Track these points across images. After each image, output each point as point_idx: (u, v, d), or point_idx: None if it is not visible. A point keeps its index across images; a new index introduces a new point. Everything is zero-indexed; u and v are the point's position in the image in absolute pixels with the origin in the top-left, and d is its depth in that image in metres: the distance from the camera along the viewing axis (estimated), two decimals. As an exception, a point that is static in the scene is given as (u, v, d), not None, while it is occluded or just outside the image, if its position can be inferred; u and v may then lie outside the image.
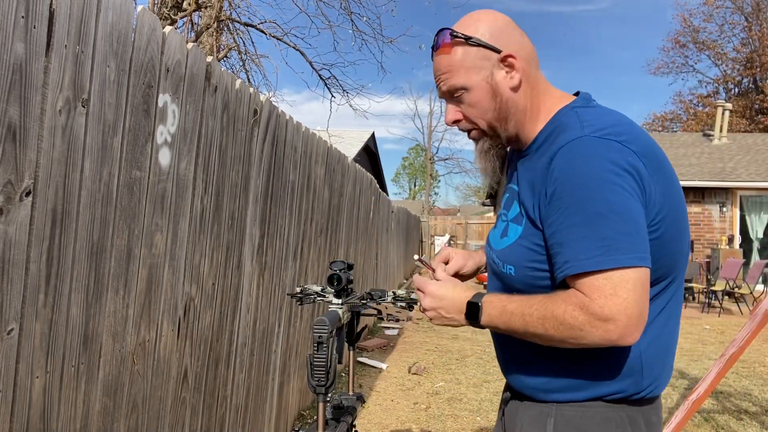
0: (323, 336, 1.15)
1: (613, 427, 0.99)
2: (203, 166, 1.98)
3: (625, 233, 0.87)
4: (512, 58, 1.02)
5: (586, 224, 0.89)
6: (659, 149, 1.01)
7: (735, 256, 10.99)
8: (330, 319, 1.21)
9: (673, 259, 0.99)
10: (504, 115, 1.06)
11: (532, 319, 0.93)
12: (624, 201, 0.89)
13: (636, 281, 0.87)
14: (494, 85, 1.03)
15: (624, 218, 0.88)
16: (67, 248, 1.32)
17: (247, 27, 8.34)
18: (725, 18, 28.46)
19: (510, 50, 1.02)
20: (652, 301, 0.97)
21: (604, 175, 0.89)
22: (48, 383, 1.29)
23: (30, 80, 1.16)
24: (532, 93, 1.06)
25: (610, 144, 0.92)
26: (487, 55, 1.02)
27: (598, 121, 0.97)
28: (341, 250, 4.53)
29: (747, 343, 2.78)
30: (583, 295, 0.89)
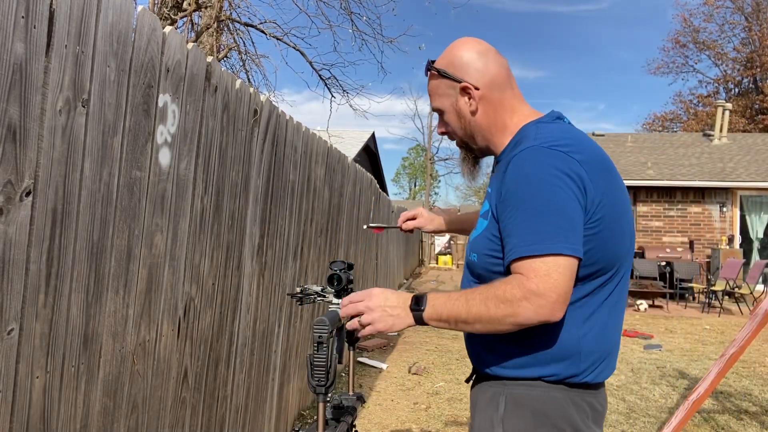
0: (323, 336, 1.16)
1: (556, 406, 1.11)
2: (203, 166, 1.98)
3: (560, 227, 1.03)
4: (468, 89, 1.22)
5: (529, 219, 1.05)
6: (606, 160, 1.15)
7: (735, 256, 10.99)
8: (330, 319, 1.22)
9: (612, 255, 1.12)
10: (470, 133, 1.27)
11: (475, 301, 1.06)
12: (562, 200, 1.04)
13: (566, 267, 1.01)
14: (458, 110, 1.25)
15: (560, 215, 1.03)
16: (67, 248, 1.32)
17: (247, 27, 8.34)
18: (725, 18, 28.46)
19: (470, 80, 1.22)
20: (594, 293, 1.12)
21: (546, 178, 1.05)
22: (48, 383, 1.29)
23: (30, 80, 1.16)
24: (495, 113, 1.24)
25: (555, 153, 1.08)
26: (452, 84, 1.24)
27: (550, 135, 1.13)
28: (341, 250, 4.53)
29: (747, 343, 2.78)
30: (521, 275, 1.03)
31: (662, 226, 12.38)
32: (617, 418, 3.96)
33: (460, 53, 1.24)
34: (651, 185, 12.23)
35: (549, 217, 1.03)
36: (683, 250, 11.69)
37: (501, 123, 1.24)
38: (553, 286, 1.00)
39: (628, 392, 4.61)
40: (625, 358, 5.89)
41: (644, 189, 12.45)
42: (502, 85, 1.24)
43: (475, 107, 1.23)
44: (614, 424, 3.83)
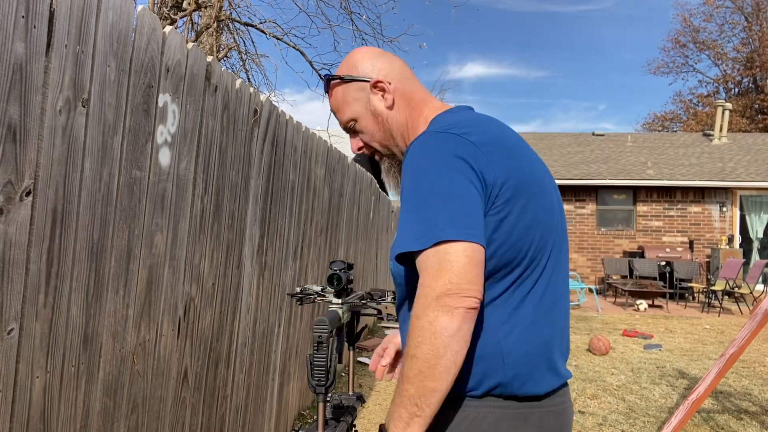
0: (323, 336, 1.14)
1: (486, 425, 0.96)
2: (203, 166, 1.98)
3: (449, 211, 0.89)
4: (380, 82, 1.15)
5: (414, 209, 0.93)
6: (515, 142, 1.04)
7: (735, 256, 10.99)
8: (330, 318, 1.20)
9: (528, 242, 0.98)
10: (389, 133, 1.18)
11: (408, 356, 0.89)
12: (451, 184, 0.92)
13: (460, 253, 0.86)
14: (373, 110, 1.17)
15: (449, 199, 0.91)
16: (67, 248, 1.32)
17: (247, 27, 8.34)
18: (725, 18, 28.48)
19: (378, 76, 1.16)
20: (513, 288, 0.98)
21: (434, 163, 0.95)
22: (48, 383, 1.29)
23: (30, 80, 1.16)
24: (408, 107, 1.17)
25: (447, 136, 0.98)
26: (361, 86, 1.17)
27: (446, 121, 1.05)
28: (341, 250, 4.53)
29: (747, 343, 2.78)
30: (420, 284, 0.89)
31: (662, 225, 12.39)
32: (617, 417, 3.96)
33: (359, 57, 1.20)
34: (651, 185, 12.23)
35: (436, 203, 0.91)
36: (683, 249, 11.70)
37: (415, 117, 1.17)
38: (451, 277, 0.86)
39: (628, 392, 4.61)
40: (625, 358, 5.89)
41: (644, 189, 12.45)
42: (411, 78, 1.19)
43: (391, 101, 1.15)
44: (614, 423, 3.84)
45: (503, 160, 0.97)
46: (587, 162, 13.68)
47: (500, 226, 0.95)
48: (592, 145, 15.26)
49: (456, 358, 0.86)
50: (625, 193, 12.56)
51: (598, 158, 13.96)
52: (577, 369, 5.36)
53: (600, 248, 12.55)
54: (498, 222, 0.95)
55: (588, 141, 15.79)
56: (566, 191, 12.70)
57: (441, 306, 0.85)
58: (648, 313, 9.24)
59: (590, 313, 9.14)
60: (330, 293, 1.41)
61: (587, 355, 6.00)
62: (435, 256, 0.87)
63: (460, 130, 0.99)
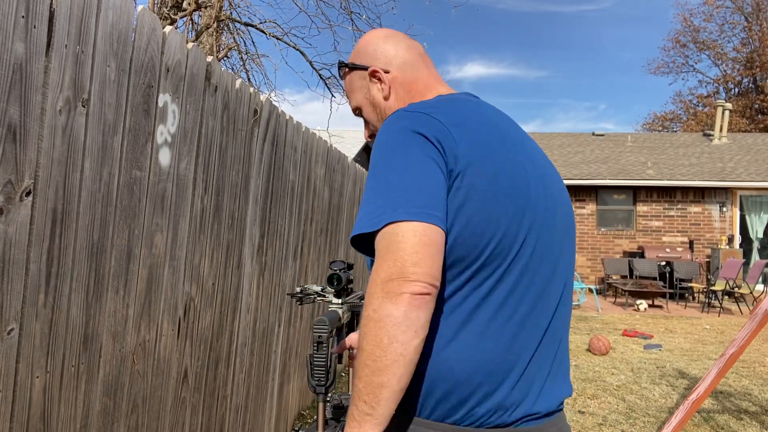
0: (323, 336, 1.14)
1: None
2: (203, 166, 1.98)
3: (404, 190, 0.81)
4: (377, 72, 1.09)
5: (372, 188, 0.85)
6: (506, 132, 0.94)
7: (735, 256, 10.99)
8: (330, 318, 1.21)
9: (489, 235, 0.85)
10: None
11: (358, 349, 0.81)
12: (408, 161, 0.84)
13: (408, 234, 0.78)
14: (371, 99, 1.11)
15: (406, 177, 0.82)
16: (68, 248, 1.31)
17: (247, 27, 8.34)
18: (725, 18, 28.49)
19: (377, 65, 1.10)
20: (462, 294, 0.85)
21: (393, 140, 0.87)
22: (48, 383, 1.29)
23: (30, 80, 1.16)
24: (408, 95, 1.10)
25: (413, 115, 0.90)
26: (362, 74, 1.12)
27: (426, 102, 0.96)
28: (341, 249, 4.53)
29: (747, 343, 2.79)
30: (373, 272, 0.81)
31: (662, 225, 12.39)
32: (617, 417, 3.96)
33: (365, 42, 1.13)
34: (651, 185, 12.24)
35: (391, 182, 0.82)
36: (683, 249, 11.70)
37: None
38: (396, 259, 0.77)
39: (628, 392, 4.61)
40: (625, 358, 5.89)
41: (644, 189, 12.45)
42: (415, 65, 1.11)
43: (387, 91, 1.08)
44: (614, 423, 3.84)
45: (475, 144, 0.87)
46: (587, 162, 13.68)
47: (458, 213, 0.84)
48: (592, 145, 15.26)
49: (405, 349, 0.76)
50: (625, 193, 12.56)
51: (598, 158, 13.96)
52: (577, 369, 5.36)
53: (600, 248, 12.55)
54: (456, 208, 0.84)
55: (588, 141, 15.79)
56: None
57: (385, 292, 0.77)
58: (648, 313, 9.24)
59: (590, 313, 9.14)
60: (330, 293, 1.42)
61: (587, 355, 6.00)
62: (384, 238, 0.79)
63: (432, 109, 0.91)
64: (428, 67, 1.12)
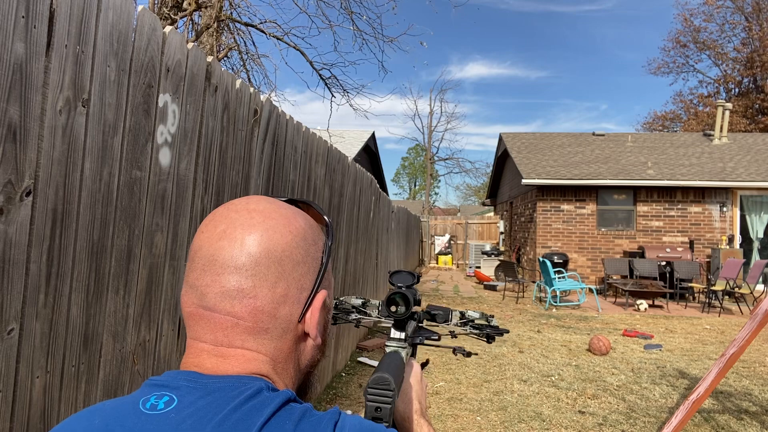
0: (384, 408, 0.66)
1: None
2: (203, 166, 1.98)
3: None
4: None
5: None
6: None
7: (735, 256, 10.99)
8: (396, 374, 0.71)
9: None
10: None
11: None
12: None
13: None
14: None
15: None
16: (68, 248, 1.31)
17: (247, 27, 8.34)
18: (726, 18, 28.48)
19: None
20: None
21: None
22: (48, 383, 1.29)
23: (30, 80, 1.16)
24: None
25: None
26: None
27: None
28: (341, 249, 4.53)
29: (747, 343, 2.78)
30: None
31: (662, 225, 12.38)
32: (617, 417, 3.96)
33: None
34: (651, 185, 12.23)
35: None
36: (683, 249, 11.69)
37: None
38: None
39: (628, 392, 4.61)
40: (626, 358, 5.89)
41: (644, 189, 12.45)
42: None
43: None
44: (614, 423, 3.83)
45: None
46: (587, 162, 13.68)
47: None
48: (593, 145, 15.26)
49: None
50: (626, 193, 12.56)
51: (599, 158, 13.95)
52: (578, 369, 5.36)
53: (600, 248, 12.55)
54: None
55: (588, 141, 15.79)
56: (566, 191, 12.70)
57: None
58: (648, 313, 9.24)
59: (590, 313, 9.14)
60: (374, 309, 0.97)
61: (587, 355, 6.00)
62: None
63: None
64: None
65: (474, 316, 1.00)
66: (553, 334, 7.15)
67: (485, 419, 3.88)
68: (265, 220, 0.61)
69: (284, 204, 0.67)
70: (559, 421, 3.88)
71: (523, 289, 11.58)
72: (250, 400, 0.54)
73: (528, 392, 4.56)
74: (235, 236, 0.59)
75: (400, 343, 0.83)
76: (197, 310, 0.60)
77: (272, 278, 0.59)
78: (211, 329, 0.59)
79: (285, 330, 0.61)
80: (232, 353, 0.59)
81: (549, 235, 12.73)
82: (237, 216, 0.61)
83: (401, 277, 0.87)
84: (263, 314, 0.59)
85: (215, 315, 0.59)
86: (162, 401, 0.55)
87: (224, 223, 0.61)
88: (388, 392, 0.67)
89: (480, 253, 17.33)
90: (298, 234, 0.63)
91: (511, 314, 8.80)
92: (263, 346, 0.60)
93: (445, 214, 44.25)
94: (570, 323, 8.11)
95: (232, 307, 0.58)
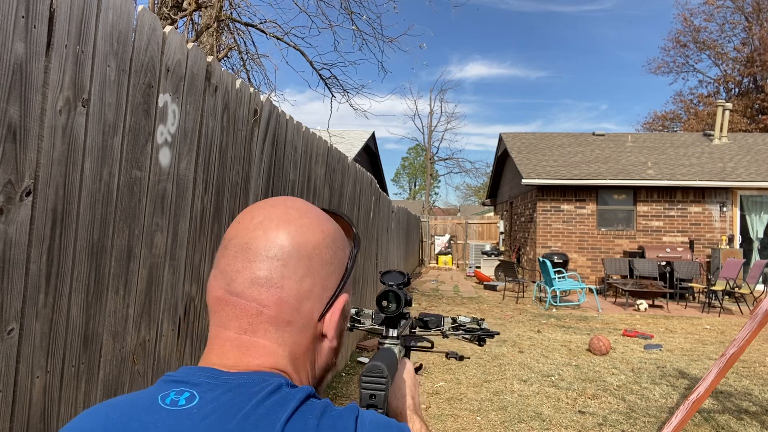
0: (379, 394, 0.69)
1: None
2: (203, 166, 1.98)
3: None
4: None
5: None
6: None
7: (735, 256, 10.99)
8: (389, 364, 0.74)
9: None
10: None
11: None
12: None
13: None
14: None
15: None
16: (68, 248, 1.31)
17: (247, 27, 8.33)
18: (726, 18, 28.49)
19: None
20: None
21: None
22: (48, 383, 1.29)
23: (30, 80, 1.16)
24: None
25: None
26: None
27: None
28: (341, 249, 4.53)
29: (747, 343, 2.78)
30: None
31: (662, 225, 12.39)
32: (617, 417, 3.96)
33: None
34: (651, 185, 12.23)
35: None
36: (683, 249, 11.69)
37: None
38: None
39: (628, 392, 4.61)
40: (626, 358, 5.89)
41: (644, 189, 12.45)
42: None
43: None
44: (614, 423, 3.83)
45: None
46: (587, 162, 13.68)
47: None
48: (593, 145, 15.26)
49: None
50: (626, 193, 12.56)
51: (599, 158, 13.95)
52: (578, 369, 5.36)
53: (600, 248, 12.55)
54: None
55: (588, 141, 15.79)
56: (566, 191, 12.70)
57: None
58: (648, 313, 9.24)
59: (590, 313, 9.14)
60: (367, 318, 1.00)
61: (587, 355, 6.00)
62: None
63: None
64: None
65: (465, 320, 1.04)
66: (553, 334, 7.15)
67: (485, 419, 3.88)
68: (301, 217, 0.63)
69: (318, 208, 0.69)
70: (559, 421, 3.88)
71: (523, 289, 11.59)
72: (272, 395, 0.55)
73: (528, 392, 4.56)
74: (270, 228, 0.61)
75: (393, 340, 0.86)
76: (225, 295, 0.61)
77: (300, 272, 0.61)
78: (236, 315, 0.60)
79: (305, 326, 0.62)
80: (254, 345, 0.60)
81: (549, 235, 12.74)
82: (274, 210, 0.63)
83: (392, 277, 0.90)
84: (287, 306, 0.60)
85: (241, 301, 0.60)
86: (183, 397, 0.55)
87: (261, 215, 0.63)
88: (382, 379, 0.69)
89: (480, 253, 17.33)
90: (329, 235, 0.65)
91: (511, 314, 8.80)
92: (284, 338, 0.61)
93: (445, 214, 44.26)
94: (570, 323, 8.11)
95: (259, 294, 0.59)
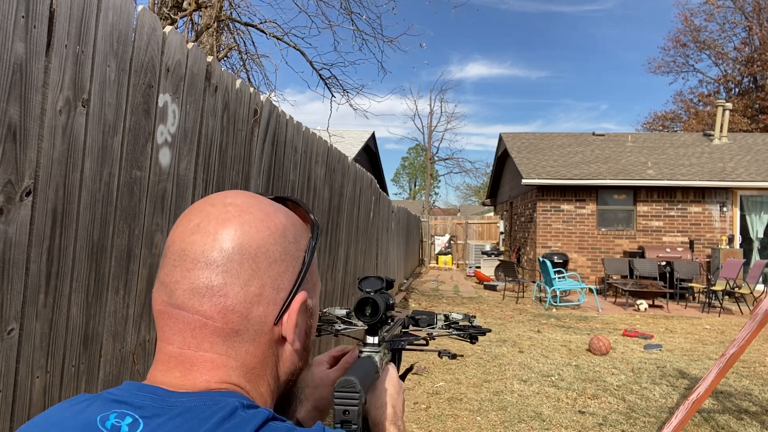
0: (352, 410, 0.65)
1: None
2: (203, 166, 1.98)
3: None
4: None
5: None
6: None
7: (735, 255, 10.99)
8: (362, 377, 0.69)
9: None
10: None
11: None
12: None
13: None
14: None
15: None
16: (68, 248, 1.31)
17: (247, 27, 8.33)
18: (726, 17, 28.49)
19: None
20: None
21: None
22: (48, 383, 1.29)
23: (30, 80, 1.16)
24: None
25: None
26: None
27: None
28: (341, 250, 4.52)
29: (747, 343, 2.78)
30: None
31: (662, 225, 12.38)
32: (617, 418, 3.96)
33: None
34: (651, 185, 12.23)
35: None
36: (683, 249, 11.69)
37: None
38: None
39: (628, 392, 4.61)
40: (626, 358, 5.89)
41: (644, 189, 12.45)
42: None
43: None
44: (614, 423, 3.83)
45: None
46: (587, 162, 13.68)
47: None
48: (593, 145, 15.26)
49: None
50: (626, 193, 12.56)
51: (599, 158, 13.95)
52: (578, 369, 5.36)
53: (600, 248, 12.55)
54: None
55: (588, 141, 15.79)
56: (566, 191, 12.70)
57: None
58: (648, 313, 9.24)
59: (590, 313, 9.14)
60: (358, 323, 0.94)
61: (587, 355, 6.00)
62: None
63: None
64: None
65: (457, 318, 1.02)
66: (553, 334, 7.15)
67: (485, 419, 3.88)
68: (241, 215, 0.57)
69: (266, 200, 0.62)
70: (559, 421, 3.88)
71: (523, 289, 11.59)
72: (225, 423, 0.49)
73: (528, 392, 4.56)
74: (208, 230, 0.56)
75: (374, 348, 0.82)
76: (166, 308, 0.56)
77: (245, 276, 0.55)
78: (179, 329, 0.55)
79: (258, 332, 0.57)
80: (200, 359, 0.55)
81: (549, 235, 12.74)
82: (212, 209, 0.58)
83: (370, 283, 0.86)
84: (234, 314, 0.55)
85: (183, 314, 0.55)
86: (125, 423, 0.50)
87: (199, 216, 0.57)
88: (354, 394, 0.66)
89: (480, 253, 17.33)
90: (276, 230, 0.59)
91: (511, 314, 8.80)
92: (234, 350, 0.56)
93: (445, 214, 44.26)
94: (570, 323, 8.11)
95: (201, 306, 0.54)
